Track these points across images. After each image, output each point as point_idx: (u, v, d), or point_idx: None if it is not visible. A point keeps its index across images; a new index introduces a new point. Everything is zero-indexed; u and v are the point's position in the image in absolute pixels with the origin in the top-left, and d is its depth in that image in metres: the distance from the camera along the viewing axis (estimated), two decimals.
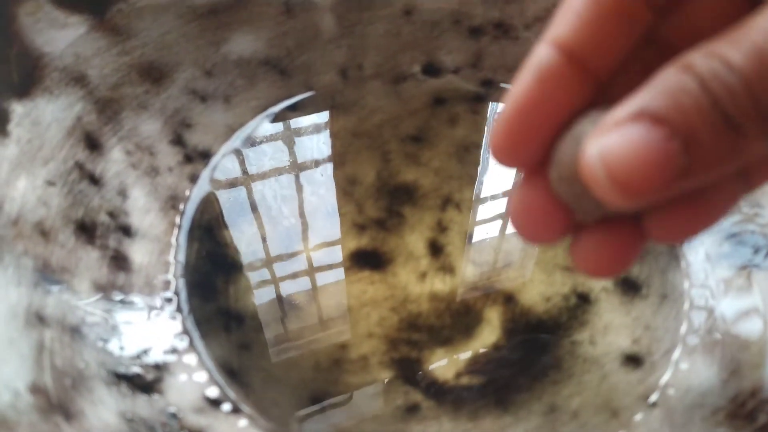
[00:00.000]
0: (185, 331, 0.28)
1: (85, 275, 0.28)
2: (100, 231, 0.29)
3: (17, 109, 0.29)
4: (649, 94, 0.11)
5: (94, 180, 0.30)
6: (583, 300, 0.29)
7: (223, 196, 0.32)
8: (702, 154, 0.11)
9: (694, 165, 0.11)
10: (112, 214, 0.30)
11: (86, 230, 0.29)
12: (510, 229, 0.31)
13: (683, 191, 0.11)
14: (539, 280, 0.29)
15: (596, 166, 0.11)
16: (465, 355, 0.28)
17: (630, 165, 0.11)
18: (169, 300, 0.29)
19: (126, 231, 0.30)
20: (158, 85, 0.33)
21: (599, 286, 0.29)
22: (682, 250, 0.30)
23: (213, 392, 0.26)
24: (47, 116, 0.30)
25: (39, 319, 0.26)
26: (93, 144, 0.31)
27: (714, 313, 0.28)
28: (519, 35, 0.35)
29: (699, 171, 0.11)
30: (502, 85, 0.35)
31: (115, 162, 0.31)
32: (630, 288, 0.29)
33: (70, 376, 0.24)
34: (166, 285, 0.29)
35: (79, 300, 0.27)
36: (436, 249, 0.30)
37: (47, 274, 0.27)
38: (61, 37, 0.30)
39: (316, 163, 0.33)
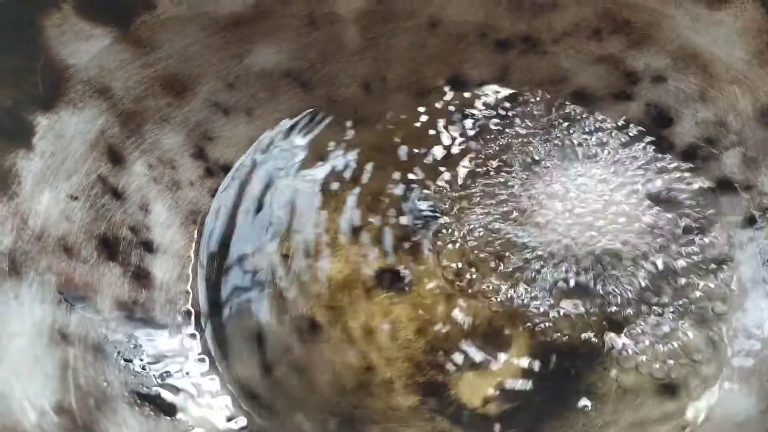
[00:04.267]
0: (207, 350, 0.27)
1: (108, 292, 0.27)
2: (122, 246, 0.29)
3: (42, 122, 0.29)
4: None
5: (117, 194, 0.30)
6: (615, 327, 0.28)
7: (245, 211, 0.32)
8: None
9: None
10: (134, 229, 0.30)
11: (108, 245, 0.29)
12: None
13: None
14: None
15: None
16: (493, 380, 0.27)
17: None
18: (190, 317, 0.28)
19: (148, 246, 0.30)
20: (181, 98, 0.33)
21: (633, 315, 0.28)
22: (719, 276, 0.29)
23: (236, 415, 0.26)
24: (71, 129, 0.29)
25: (63, 336, 0.25)
26: (116, 157, 0.31)
27: (752, 341, 0.27)
28: (547, 50, 0.34)
29: None
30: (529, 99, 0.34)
31: (137, 176, 0.31)
32: (664, 314, 0.29)
33: (93, 396, 0.24)
34: (188, 301, 0.29)
35: (102, 317, 0.27)
36: (462, 270, 0.30)
37: (70, 291, 0.26)
38: (86, 48, 0.30)
39: (339, 178, 0.33)
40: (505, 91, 0.34)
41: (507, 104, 0.34)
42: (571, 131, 0.33)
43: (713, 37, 0.31)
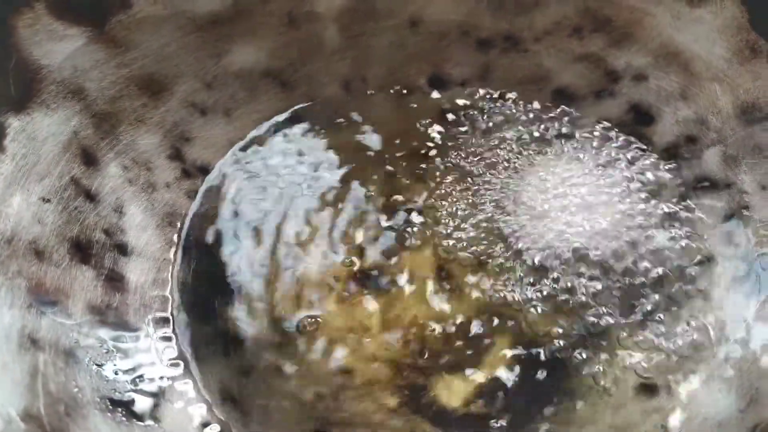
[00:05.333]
0: (181, 355, 0.27)
1: (80, 296, 0.27)
2: (95, 249, 0.28)
3: (13, 123, 0.28)
4: None
5: (90, 196, 0.30)
6: (598, 327, 0.28)
7: (223, 213, 0.31)
8: None
9: None
10: (107, 232, 0.29)
11: (81, 249, 0.28)
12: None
13: None
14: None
15: None
16: (474, 382, 0.27)
17: None
18: (165, 321, 0.28)
19: (122, 249, 0.29)
20: (157, 98, 0.32)
21: (615, 314, 0.28)
22: (701, 276, 0.29)
23: (210, 420, 0.25)
24: (43, 131, 0.29)
25: (32, 342, 0.25)
26: (89, 159, 0.30)
27: (731, 341, 0.27)
28: (528, 48, 0.34)
29: None
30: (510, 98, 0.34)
31: (111, 177, 0.30)
32: (644, 313, 0.29)
33: (64, 403, 0.24)
34: (163, 305, 0.28)
35: (74, 322, 0.26)
36: (444, 271, 0.30)
37: (41, 295, 0.26)
38: (59, 49, 0.30)
39: (319, 179, 0.32)
40: (487, 90, 0.34)
41: (489, 103, 0.34)
42: (553, 130, 0.33)
43: (694, 35, 0.31)
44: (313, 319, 0.28)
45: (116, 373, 0.26)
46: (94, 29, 0.30)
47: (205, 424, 0.26)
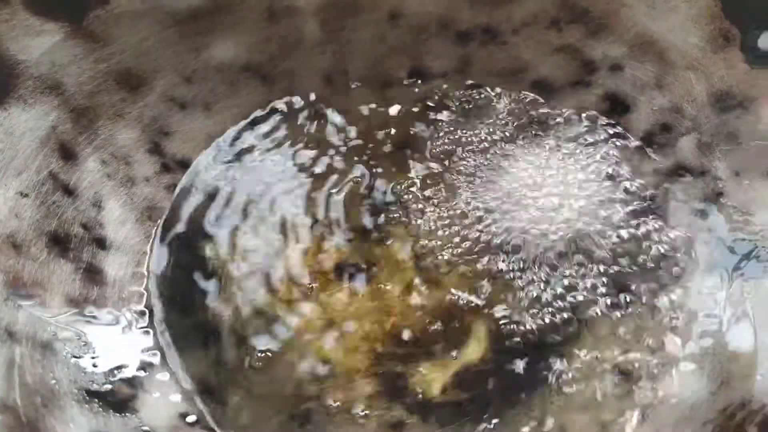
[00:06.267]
0: (159, 347, 0.27)
1: (58, 289, 0.27)
2: (73, 243, 0.28)
3: None
4: None
5: (68, 191, 0.30)
6: (574, 313, 0.28)
7: (202, 207, 0.31)
8: None
9: None
10: (86, 226, 0.29)
11: (59, 243, 0.28)
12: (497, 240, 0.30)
13: None
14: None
15: None
16: (451, 369, 0.27)
17: None
18: (143, 314, 0.28)
19: (100, 243, 0.29)
20: (136, 93, 0.32)
21: (590, 301, 0.29)
22: (675, 262, 0.29)
23: (189, 411, 0.25)
24: (21, 126, 0.29)
25: (9, 334, 0.25)
26: (67, 154, 0.30)
27: (704, 324, 0.27)
28: (507, 40, 0.34)
29: None
30: (490, 90, 0.34)
31: (90, 172, 0.30)
32: (620, 302, 0.29)
33: (40, 394, 0.24)
34: (141, 299, 0.28)
35: (51, 315, 0.26)
36: (421, 261, 0.30)
37: (18, 289, 0.26)
38: (36, 44, 0.30)
39: (300, 172, 0.32)
40: (467, 82, 0.34)
41: (468, 95, 0.34)
42: (532, 122, 0.33)
43: (669, 25, 0.31)
44: (292, 310, 0.28)
45: (94, 365, 0.26)
46: (72, 24, 0.30)
47: (183, 415, 0.26)
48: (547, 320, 0.28)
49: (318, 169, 0.32)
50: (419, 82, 0.35)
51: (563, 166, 0.32)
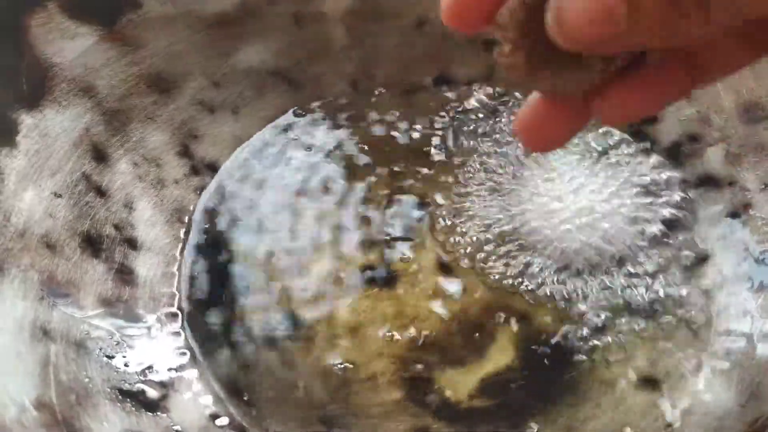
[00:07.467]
0: (190, 348, 0.27)
1: (90, 289, 0.27)
2: (105, 244, 0.29)
3: (26, 120, 0.29)
4: None
5: (101, 192, 0.30)
6: (602, 322, 0.28)
7: (231, 209, 0.32)
8: (642, 18, 0.12)
9: (634, 26, 0.12)
10: (117, 227, 0.30)
11: (92, 243, 0.29)
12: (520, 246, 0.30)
13: (624, 50, 0.13)
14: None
15: (550, 12, 0.13)
16: (477, 375, 0.27)
17: (576, 14, 0.12)
18: (173, 315, 0.28)
19: (132, 244, 0.30)
20: (166, 96, 0.33)
21: (619, 310, 0.28)
22: (703, 273, 0.29)
23: (218, 411, 0.26)
24: (55, 127, 0.29)
25: (44, 333, 0.25)
26: (100, 155, 0.31)
27: (733, 336, 0.27)
28: None
29: (637, 33, 0.12)
30: (517, 96, 0.35)
31: (121, 174, 0.31)
32: (646, 309, 0.29)
33: (75, 392, 0.24)
34: (171, 299, 0.29)
35: (84, 314, 0.26)
36: (447, 267, 0.30)
37: (53, 288, 0.26)
38: (71, 47, 0.30)
39: (326, 177, 0.33)
40: (493, 90, 0.35)
41: (494, 103, 0.34)
42: None
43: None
44: (319, 313, 0.29)
45: (126, 365, 0.26)
46: (105, 28, 0.31)
47: (214, 416, 0.26)
48: (574, 327, 0.28)
49: (347, 175, 0.33)
50: (445, 88, 0.35)
51: (592, 177, 0.32)
